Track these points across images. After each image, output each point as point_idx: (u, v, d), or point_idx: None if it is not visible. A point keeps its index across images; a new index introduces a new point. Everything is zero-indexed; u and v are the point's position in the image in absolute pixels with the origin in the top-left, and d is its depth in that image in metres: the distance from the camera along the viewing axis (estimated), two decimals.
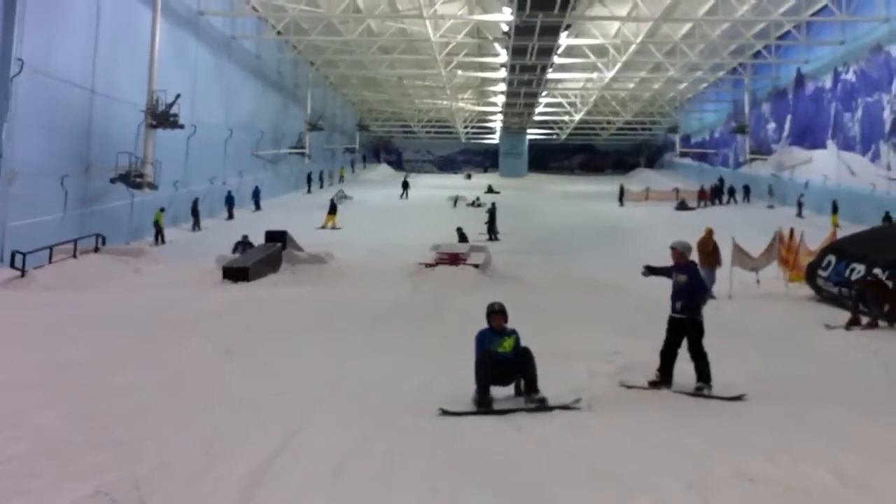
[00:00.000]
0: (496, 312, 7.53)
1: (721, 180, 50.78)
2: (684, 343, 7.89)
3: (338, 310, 13.32)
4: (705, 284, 7.99)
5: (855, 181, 34.31)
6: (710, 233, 16.78)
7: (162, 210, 28.48)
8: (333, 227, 32.93)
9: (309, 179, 51.89)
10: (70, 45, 22.73)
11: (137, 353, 9.37)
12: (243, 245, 21.68)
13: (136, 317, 12.30)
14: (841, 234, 18.93)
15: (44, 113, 21.34)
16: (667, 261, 8.39)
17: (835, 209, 33.02)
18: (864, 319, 12.36)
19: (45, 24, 21.24)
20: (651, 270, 8.37)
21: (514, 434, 6.30)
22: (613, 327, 11.34)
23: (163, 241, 28.10)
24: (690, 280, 7.93)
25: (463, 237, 26.86)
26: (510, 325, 7.50)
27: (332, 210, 34.73)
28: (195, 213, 31.79)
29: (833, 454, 5.76)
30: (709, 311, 8.01)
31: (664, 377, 7.87)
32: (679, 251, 8.19)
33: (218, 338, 10.19)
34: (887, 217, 28.31)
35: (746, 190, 46.92)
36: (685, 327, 7.83)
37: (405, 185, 50.16)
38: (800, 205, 37.42)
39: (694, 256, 8.55)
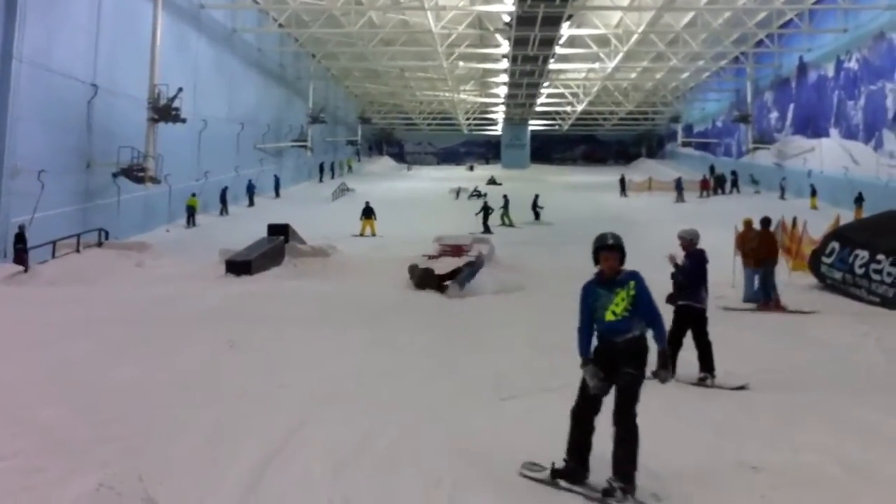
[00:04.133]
0: (605, 248, 4.91)
1: (712, 168, 51.03)
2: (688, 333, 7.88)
3: (340, 303, 13.30)
4: (701, 273, 7.92)
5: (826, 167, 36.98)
6: (748, 224, 15.09)
7: (194, 195, 29.57)
8: (373, 235, 27.94)
9: (321, 169, 55.07)
10: (71, 39, 22.68)
11: (139, 347, 9.36)
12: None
13: (137, 311, 12.31)
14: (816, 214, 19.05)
15: (45, 108, 21.31)
16: (666, 250, 8.40)
17: (813, 192, 35.39)
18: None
19: (46, 18, 21.21)
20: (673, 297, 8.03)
21: (518, 426, 6.29)
22: None
23: (194, 224, 28.60)
24: (691, 266, 7.93)
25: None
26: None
27: (368, 213, 29.08)
28: (223, 200, 33.70)
29: (836, 442, 5.78)
30: (711, 301, 8.01)
31: None
32: (680, 238, 8.22)
33: (220, 332, 10.16)
34: (859, 197, 30.60)
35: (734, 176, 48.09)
36: (690, 316, 7.82)
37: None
38: (782, 188, 39.90)
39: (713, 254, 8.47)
